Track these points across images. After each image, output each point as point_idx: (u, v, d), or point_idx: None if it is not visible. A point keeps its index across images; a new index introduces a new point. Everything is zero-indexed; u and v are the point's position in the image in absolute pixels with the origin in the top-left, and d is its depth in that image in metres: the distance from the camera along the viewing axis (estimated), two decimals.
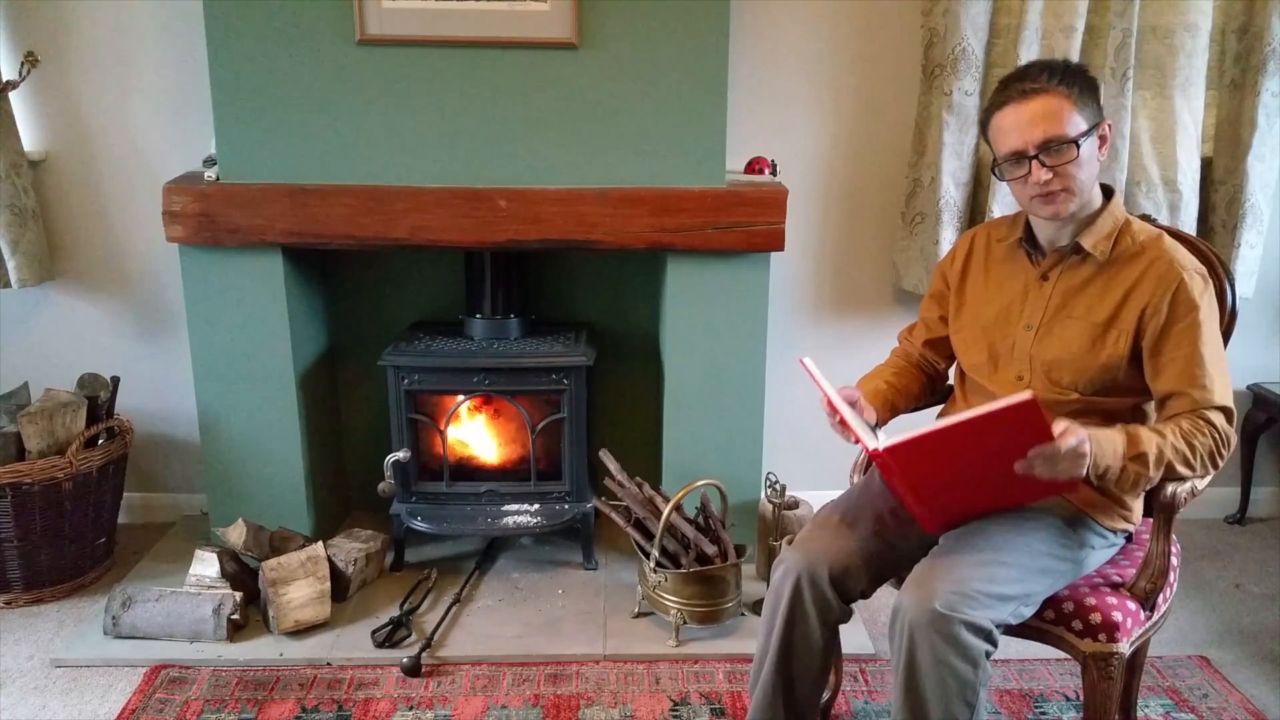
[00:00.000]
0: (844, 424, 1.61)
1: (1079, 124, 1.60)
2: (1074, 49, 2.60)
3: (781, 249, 2.51)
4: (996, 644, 1.52)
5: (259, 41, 2.38)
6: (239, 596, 2.38)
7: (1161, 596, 1.68)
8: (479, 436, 2.78)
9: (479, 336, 2.67)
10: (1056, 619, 1.63)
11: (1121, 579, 1.69)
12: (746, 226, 2.47)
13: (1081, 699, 1.69)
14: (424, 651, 2.30)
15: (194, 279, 2.53)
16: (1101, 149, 1.66)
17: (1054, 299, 1.71)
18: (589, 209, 2.45)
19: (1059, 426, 1.44)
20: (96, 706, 2.16)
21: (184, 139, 2.70)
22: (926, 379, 1.96)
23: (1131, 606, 1.63)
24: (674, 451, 2.68)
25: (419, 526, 2.65)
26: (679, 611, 2.35)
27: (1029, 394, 1.37)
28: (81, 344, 2.86)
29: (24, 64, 2.60)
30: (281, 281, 2.52)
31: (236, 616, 2.36)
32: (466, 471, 2.75)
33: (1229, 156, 2.74)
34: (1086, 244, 1.68)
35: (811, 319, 2.93)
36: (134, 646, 2.33)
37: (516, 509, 2.68)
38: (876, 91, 2.77)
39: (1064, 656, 1.65)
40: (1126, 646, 1.61)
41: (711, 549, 2.35)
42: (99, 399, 2.62)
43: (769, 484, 2.52)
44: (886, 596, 1.70)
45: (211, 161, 2.49)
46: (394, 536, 2.69)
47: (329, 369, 2.85)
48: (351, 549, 2.57)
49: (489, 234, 2.46)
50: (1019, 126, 1.60)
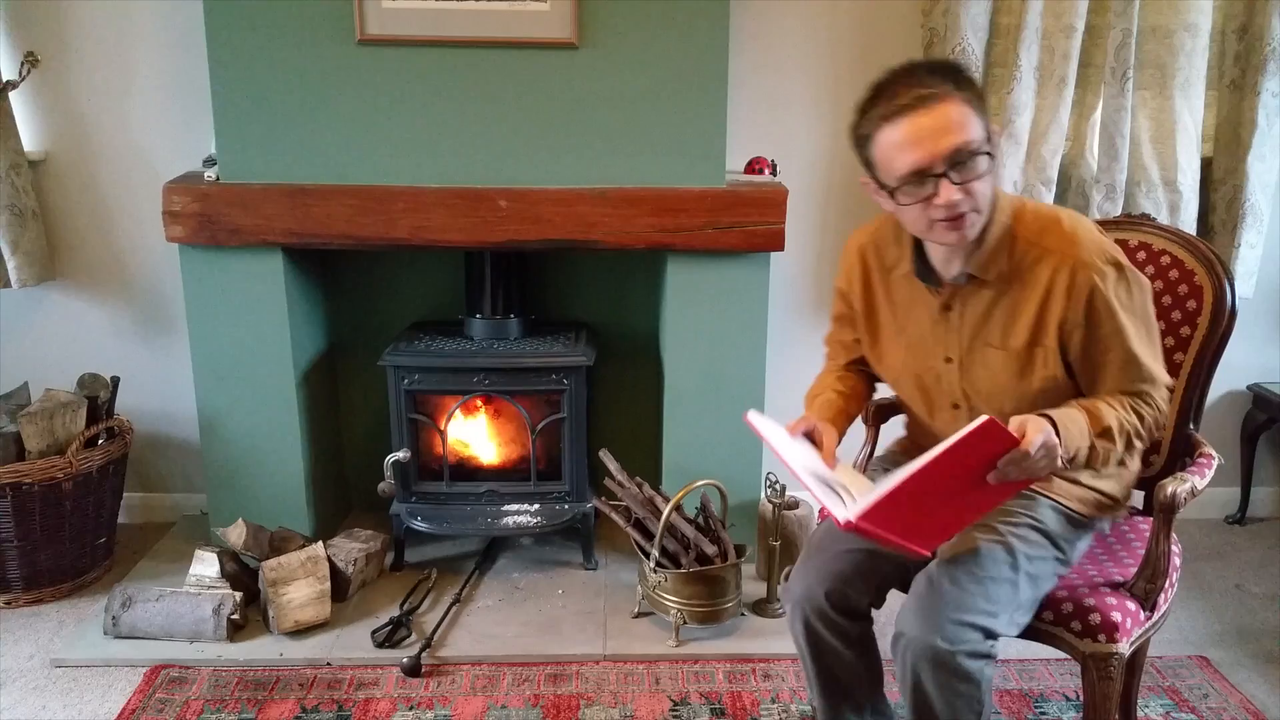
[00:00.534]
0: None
1: (981, 131, 1.42)
2: (1074, 49, 2.60)
3: (781, 249, 2.51)
4: (997, 655, 1.52)
5: (259, 41, 2.38)
6: (239, 596, 2.38)
7: (1162, 596, 1.68)
8: (479, 436, 2.78)
9: (479, 336, 2.67)
10: (1056, 619, 1.63)
11: (1122, 579, 1.69)
12: (746, 226, 2.47)
13: (1081, 699, 1.69)
14: (424, 651, 2.30)
15: (194, 279, 2.53)
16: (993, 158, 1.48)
17: (965, 330, 1.59)
18: (589, 209, 2.45)
19: (1019, 426, 1.37)
20: (96, 706, 2.16)
21: (184, 139, 2.70)
22: (868, 376, 1.85)
23: (1131, 607, 1.63)
24: (674, 451, 2.68)
25: (419, 526, 2.65)
26: (679, 611, 2.35)
27: (985, 417, 1.30)
28: (81, 344, 2.86)
29: (24, 64, 2.60)
30: (281, 281, 2.52)
31: (236, 616, 2.36)
32: (466, 471, 2.75)
33: (1229, 156, 2.74)
34: (977, 271, 1.54)
35: (812, 319, 2.93)
36: (134, 646, 2.33)
37: (516, 509, 2.68)
38: None
39: (1064, 656, 1.65)
40: (1126, 647, 1.61)
41: (711, 549, 2.35)
42: (99, 399, 2.62)
43: (769, 484, 2.52)
44: (894, 601, 1.70)
45: (211, 161, 2.50)
46: (394, 536, 2.69)
47: (329, 369, 2.85)
48: (351, 549, 2.57)
49: (489, 234, 2.46)
50: (922, 140, 1.39)
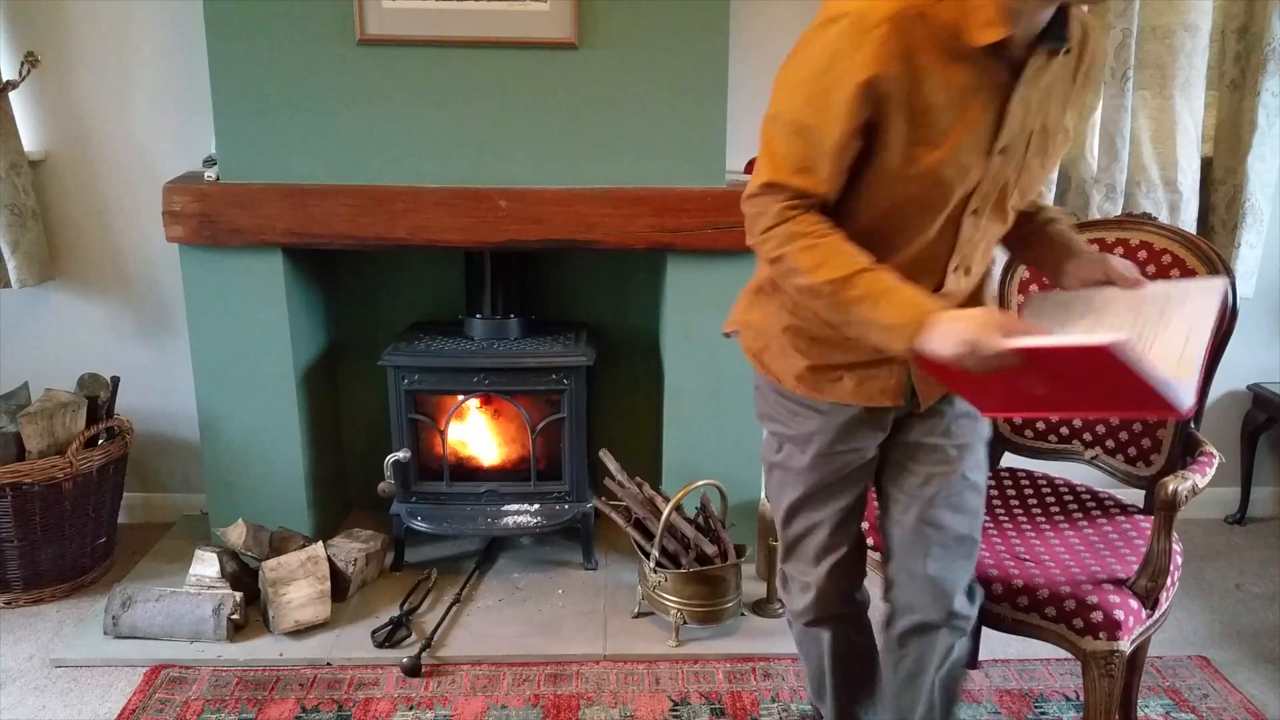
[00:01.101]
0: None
1: None
2: None
3: None
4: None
5: (259, 41, 2.38)
6: (239, 596, 2.38)
7: (1163, 595, 1.68)
8: (479, 436, 2.78)
9: (479, 336, 2.67)
10: (1057, 616, 1.63)
11: (1124, 576, 1.69)
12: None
13: (1081, 699, 1.69)
14: (424, 651, 2.30)
15: (194, 279, 2.52)
16: None
17: (1033, 108, 1.37)
18: (589, 209, 2.45)
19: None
20: (96, 706, 2.16)
21: (184, 139, 2.70)
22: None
23: (1133, 604, 1.63)
24: (674, 451, 2.68)
25: (419, 526, 2.65)
26: (679, 611, 2.35)
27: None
28: (81, 344, 2.86)
29: (24, 64, 2.60)
30: (281, 281, 2.52)
31: (236, 616, 2.36)
32: (466, 471, 2.75)
33: (1229, 156, 2.74)
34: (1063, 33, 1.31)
35: None
36: (134, 646, 2.33)
37: (516, 509, 2.68)
38: None
39: (1064, 656, 1.66)
40: (1127, 645, 1.61)
41: (711, 549, 2.35)
42: (99, 399, 2.62)
43: None
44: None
45: (211, 161, 2.50)
46: (394, 536, 2.68)
47: (329, 369, 2.85)
48: (351, 549, 2.56)
49: (489, 234, 2.46)
50: None
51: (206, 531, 2.74)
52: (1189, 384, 1.24)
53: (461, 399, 2.65)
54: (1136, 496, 1.98)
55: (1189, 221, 2.72)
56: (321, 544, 2.48)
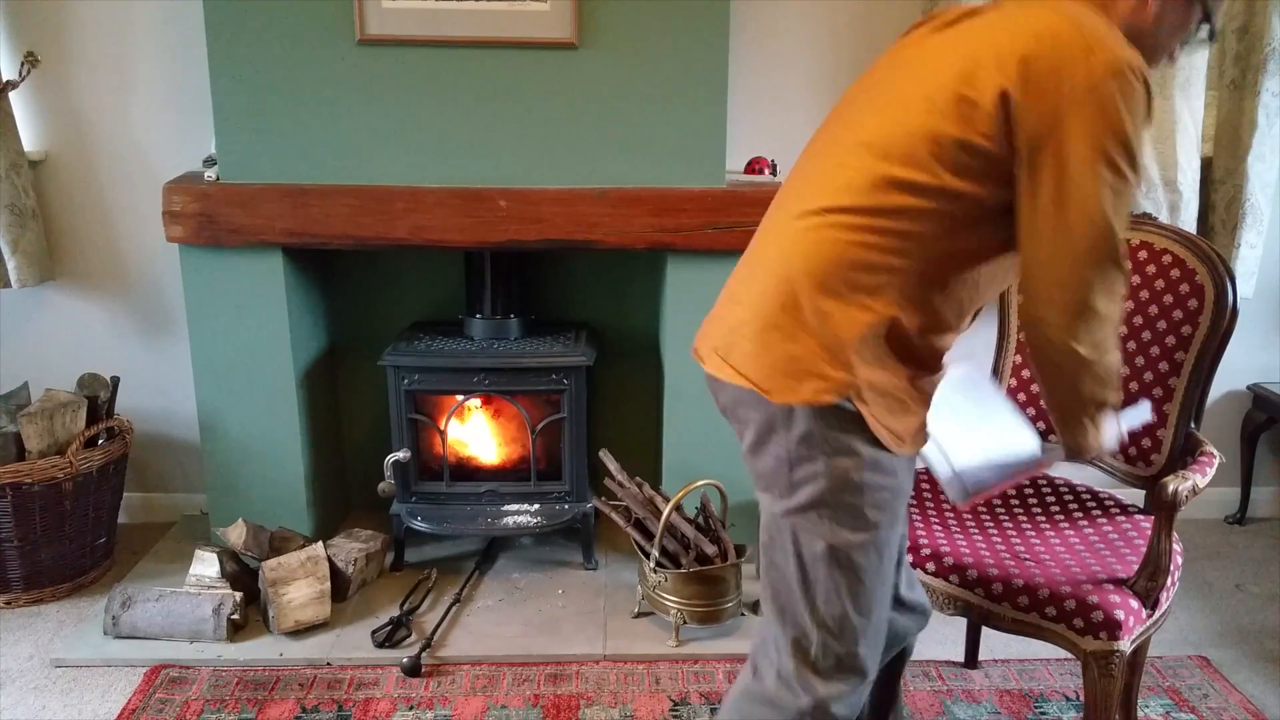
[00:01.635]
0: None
1: None
2: None
3: None
4: None
5: (259, 41, 2.38)
6: (239, 596, 2.38)
7: (1163, 594, 1.68)
8: (479, 436, 2.78)
9: (479, 336, 2.67)
10: (1058, 616, 1.63)
11: (1124, 576, 1.69)
12: (746, 226, 2.46)
13: (1082, 699, 1.69)
14: (424, 651, 2.30)
15: (194, 279, 2.52)
16: None
17: None
18: (589, 209, 2.45)
19: None
20: (96, 706, 2.16)
21: (184, 139, 2.70)
22: None
23: (1133, 604, 1.63)
24: (674, 451, 2.68)
25: (419, 526, 2.65)
26: (679, 611, 2.35)
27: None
28: (81, 344, 2.86)
29: (24, 64, 2.60)
30: (281, 281, 2.52)
31: (236, 616, 2.36)
32: (466, 471, 2.75)
33: (1229, 156, 2.74)
34: None
35: None
36: (134, 646, 2.32)
37: (516, 509, 2.68)
38: None
39: (1064, 656, 1.65)
40: (1128, 644, 1.61)
41: (711, 549, 2.35)
42: (99, 399, 2.62)
43: None
44: None
45: (211, 161, 2.50)
46: (394, 536, 2.68)
47: (329, 369, 2.85)
48: (351, 549, 2.56)
49: (489, 234, 2.46)
50: None
51: (206, 531, 2.74)
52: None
53: (461, 399, 2.66)
54: (1137, 496, 1.98)
55: (1189, 221, 2.72)
56: (321, 544, 2.48)
